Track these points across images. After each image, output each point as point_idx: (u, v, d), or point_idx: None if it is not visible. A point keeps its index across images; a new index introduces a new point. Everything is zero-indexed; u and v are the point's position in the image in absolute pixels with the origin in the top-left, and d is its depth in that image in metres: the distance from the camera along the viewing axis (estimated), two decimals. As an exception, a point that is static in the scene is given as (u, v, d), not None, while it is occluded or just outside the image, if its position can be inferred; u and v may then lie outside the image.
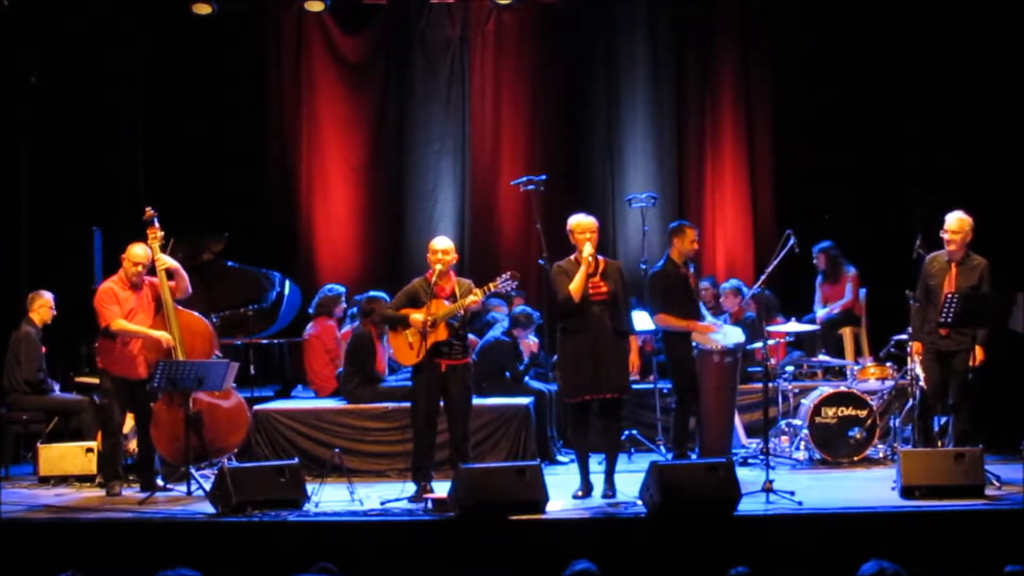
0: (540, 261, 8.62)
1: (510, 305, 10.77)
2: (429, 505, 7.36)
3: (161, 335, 8.24)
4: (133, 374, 8.28)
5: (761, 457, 8.48)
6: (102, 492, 8.28)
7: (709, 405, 8.61)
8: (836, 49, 11.30)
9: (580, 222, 7.89)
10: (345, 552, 6.39)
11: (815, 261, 10.87)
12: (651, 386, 9.89)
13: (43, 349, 9.42)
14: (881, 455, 9.10)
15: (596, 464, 8.07)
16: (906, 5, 10.90)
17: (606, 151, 11.93)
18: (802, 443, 9.22)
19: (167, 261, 8.39)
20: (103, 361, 8.36)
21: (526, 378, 9.74)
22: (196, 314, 8.53)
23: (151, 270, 8.39)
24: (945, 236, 8.20)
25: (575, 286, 7.76)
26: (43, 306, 9.44)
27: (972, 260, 8.22)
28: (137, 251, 8.33)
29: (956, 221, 8.17)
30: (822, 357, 9.93)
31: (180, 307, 8.43)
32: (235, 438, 8.49)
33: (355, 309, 10.23)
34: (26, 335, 9.32)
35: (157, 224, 8.44)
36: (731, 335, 8.82)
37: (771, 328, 9.45)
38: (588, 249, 7.77)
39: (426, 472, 7.85)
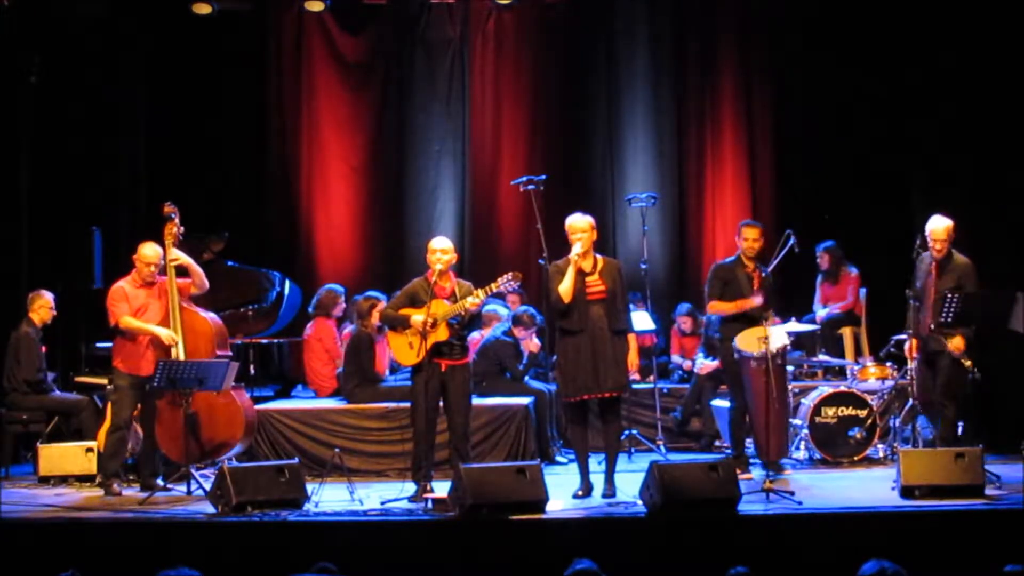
0: (540, 261, 8.61)
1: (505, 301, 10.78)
2: (429, 505, 7.36)
3: (165, 332, 8.24)
4: (142, 371, 8.27)
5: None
6: (102, 492, 8.27)
7: (754, 408, 8.46)
8: (837, 49, 11.29)
9: (572, 223, 7.87)
10: (345, 552, 6.39)
11: (818, 260, 10.86)
12: (651, 386, 9.90)
13: (43, 349, 9.42)
14: (881, 455, 9.10)
15: (596, 464, 8.06)
16: (908, 3, 10.88)
17: (606, 151, 11.92)
18: (802, 443, 9.22)
19: (180, 257, 8.37)
20: (116, 358, 8.37)
21: (526, 378, 9.74)
22: (203, 313, 8.50)
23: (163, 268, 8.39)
24: (928, 240, 8.38)
25: (565, 287, 7.75)
26: (43, 306, 9.43)
27: (954, 261, 8.33)
28: (147, 251, 8.33)
29: (933, 226, 8.33)
30: (822, 357, 9.92)
31: (189, 306, 8.42)
32: (233, 434, 8.45)
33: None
34: (26, 335, 9.32)
35: (176, 219, 8.43)
36: (775, 338, 8.34)
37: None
38: (576, 249, 7.77)
39: (426, 472, 7.85)
